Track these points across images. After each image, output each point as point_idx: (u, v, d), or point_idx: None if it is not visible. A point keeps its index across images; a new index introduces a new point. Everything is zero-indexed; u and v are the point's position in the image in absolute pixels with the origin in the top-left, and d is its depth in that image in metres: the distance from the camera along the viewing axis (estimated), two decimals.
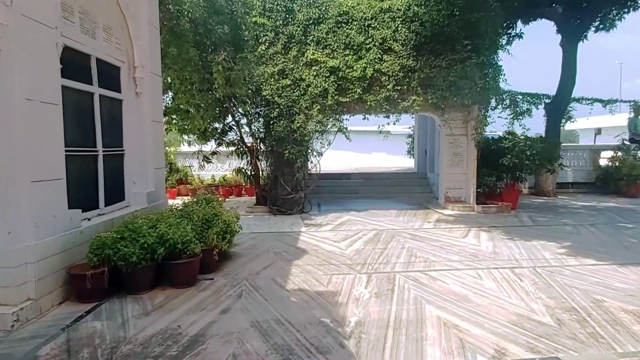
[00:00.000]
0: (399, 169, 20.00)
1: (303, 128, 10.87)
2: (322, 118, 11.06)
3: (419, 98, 11.20)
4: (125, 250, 4.98)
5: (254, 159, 11.82)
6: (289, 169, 11.32)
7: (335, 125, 11.15)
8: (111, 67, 6.78)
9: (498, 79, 11.39)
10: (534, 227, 9.43)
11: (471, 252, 7.29)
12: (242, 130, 11.84)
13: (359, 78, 11.14)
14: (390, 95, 11.20)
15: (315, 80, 11.12)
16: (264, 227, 9.70)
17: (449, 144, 12.18)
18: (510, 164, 11.33)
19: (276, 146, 11.14)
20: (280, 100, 11.00)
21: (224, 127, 12.13)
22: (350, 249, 7.52)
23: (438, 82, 11.24)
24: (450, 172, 12.25)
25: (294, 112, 11.06)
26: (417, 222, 10.10)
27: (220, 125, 12.11)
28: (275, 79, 11.18)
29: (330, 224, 9.99)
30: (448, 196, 12.31)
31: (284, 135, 10.95)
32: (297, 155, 10.87)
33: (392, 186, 15.24)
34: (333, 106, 11.12)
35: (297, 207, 11.37)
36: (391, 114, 11.50)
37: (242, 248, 7.71)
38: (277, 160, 11.40)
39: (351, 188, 15.20)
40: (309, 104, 11.12)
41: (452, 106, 11.61)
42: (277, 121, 11.01)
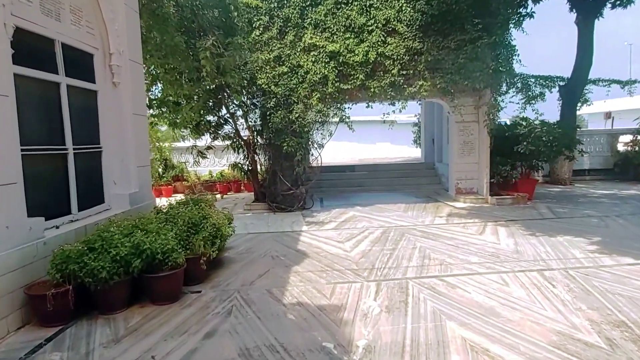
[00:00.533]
0: (405, 159, 19.19)
1: (302, 118, 10.10)
2: (322, 107, 10.27)
3: (426, 83, 10.38)
4: (93, 265, 4.27)
5: (251, 153, 11.08)
6: (288, 163, 10.57)
7: (336, 114, 10.36)
8: (82, 55, 6.02)
9: (511, 60, 10.53)
10: (556, 220, 8.64)
11: (491, 251, 6.53)
12: (237, 122, 11.08)
13: (361, 63, 10.32)
14: (395, 80, 10.39)
15: (314, 66, 10.32)
16: (262, 226, 8.98)
17: (459, 132, 11.37)
18: (526, 152, 10.51)
19: (274, 139, 10.38)
20: (277, 89, 10.22)
21: (219, 120, 11.39)
22: (355, 251, 6.79)
23: (447, 65, 10.40)
24: (460, 161, 11.45)
25: (291, 102, 10.28)
26: (428, 217, 9.34)
27: (215, 118, 11.37)
28: (271, 67, 10.39)
29: (333, 221, 9.25)
30: (459, 187, 11.53)
31: (282, 126, 10.18)
32: (297, 148, 10.11)
33: (399, 178, 14.47)
34: (334, 94, 10.33)
35: (298, 203, 10.64)
36: (396, 101, 10.70)
37: (236, 252, 6.99)
38: (275, 153, 10.65)
39: (355, 181, 14.44)
40: (308, 92, 10.33)
41: (462, 91, 10.78)
42: (274, 112, 10.24)
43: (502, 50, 10.40)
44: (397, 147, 25.43)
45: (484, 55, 10.24)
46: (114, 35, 6.47)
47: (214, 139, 11.55)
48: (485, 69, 10.17)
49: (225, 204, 12.23)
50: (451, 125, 11.72)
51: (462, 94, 10.88)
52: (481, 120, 11.08)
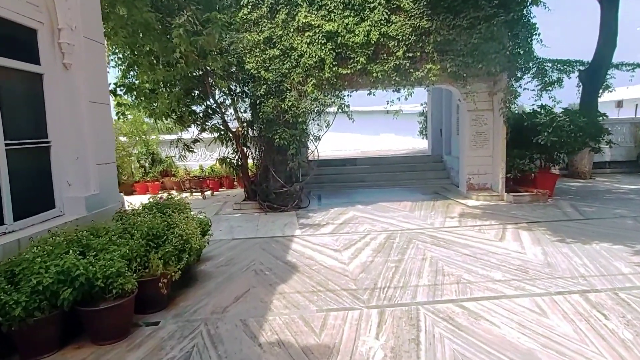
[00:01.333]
0: (410, 151, 18.07)
1: (296, 107, 9.00)
2: (319, 95, 9.17)
3: (436, 66, 9.23)
4: (3, 299, 3.23)
5: (241, 147, 10.01)
6: (281, 158, 9.49)
7: (334, 103, 9.25)
8: (20, 29, 4.94)
9: (531, 40, 9.36)
10: (585, 222, 7.55)
11: (516, 264, 5.46)
12: (225, 113, 10.00)
13: (362, 44, 9.18)
14: (400, 64, 9.25)
15: (309, 48, 9.19)
16: (249, 230, 7.93)
17: (472, 122, 10.25)
18: (547, 143, 9.38)
19: (265, 130, 9.29)
20: (268, 75, 9.11)
21: (207, 110, 10.31)
22: (354, 263, 5.74)
23: (458, 46, 9.25)
24: (473, 154, 10.34)
25: (284, 89, 9.18)
26: (438, 218, 8.27)
27: (202, 108, 10.30)
28: (260, 49, 9.27)
29: (331, 223, 8.19)
30: (471, 183, 10.43)
31: (274, 117, 9.08)
32: (290, 141, 9.02)
33: (404, 172, 13.37)
34: (331, 80, 9.21)
35: (292, 202, 9.58)
36: (402, 88, 9.56)
37: (215, 264, 5.95)
38: (266, 147, 9.57)
39: (357, 176, 13.36)
40: (302, 77, 9.22)
41: (476, 75, 9.63)
42: (264, 100, 9.14)
43: (521, 29, 9.22)
44: (401, 138, 24.27)
45: (501, 34, 9.09)
46: (64, 8, 5.37)
47: (201, 131, 10.48)
48: (501, 50, 9.01)
49: (214, 202, 11.20)
50: (462, 114, 10.60)
51: (475, 79, 9.74)
52: (496, 108, 9.94)
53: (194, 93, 9.95)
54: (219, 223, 8.52)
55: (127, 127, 13.28)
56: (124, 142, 13.45)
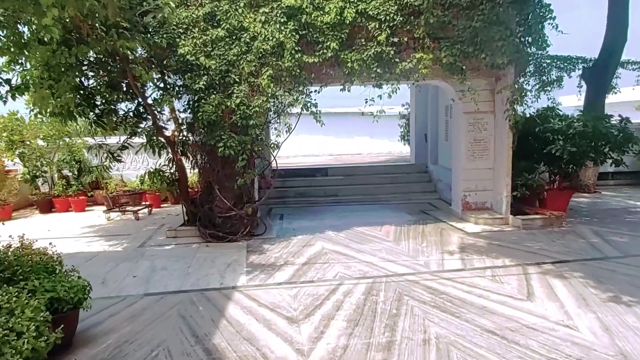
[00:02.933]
0: (389, 158, 16.14)
1: (246, 106, 6.81)
2: (277, 90, 7.02)
3: (427, 56, 7.21)
4: None
5: (177, 156, 7.73)
6: (228, 172, 7.28)
7: (297, 101, 7.11)
8: None
9: (543, 24, 7.47)
10: (628, 262, 5.66)
11: (574, 355, 3.44)
12: (160, 111, 7.72)
13: (334, 25, 7.09)
14: (382, 51, 7.19)
15: (264, 29, 7.03)
16: (176, 275, 5.67)
17: (469, 126, 8.31)
18: (563, 154, 7.52)
19: (206, 136, 7.05)
20: (209, 62, 6.88)
21: (137, 109, 7.99)
22: (319, 349, 3.61)
23: (456, 30, 7.28)
24: (470, 166, 8.40)
25: (231, 81, 6.97)
26: (433, 254, 6.24)
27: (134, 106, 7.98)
28: (200, 29, 7.04)
29: (290, 262, 6.04)
30: (467, 202, 8.48)
31: (217, 118, 6.86)
32: (238, 151, 6.82)
33: (383, 184, 11.35)
34: (293, 70, 7.06)
35: (243, 228, 7.37)
36: (384, 82, 7.51)
37: (92, 355, 3.68)
38: (209, 158, 7.34)
39: (328, 189, 11.25)
40: (256, 67, 7.04)
41: (476, 69, 7.70)
42: (204, 96, 6.92)
43: (534, 11, 7.32)
44: (377, 142, 22.28)
45: (508, 17, 7.18)
46: None
47: (131, 135, 8.13)
48: (509, 36, 7.08)
49: (148, 225, 8.86)
50: (456, 117, 8.65)
51: (474, 72, 7.81)
52: (499, 110, 8.04)
53: (121, 87, 7.62)
54: (138, 262, 6.23)
55: (46, 128, 10.75)
56: (42, 146, 10.91)
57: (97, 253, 6.85)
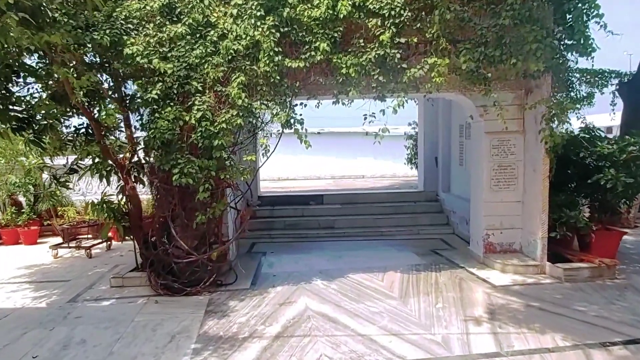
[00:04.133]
0: (395, 182, 14.54)
1: (209, 122, 5.29)
2: (251, 101, 5.50)
3: (443, 61, 5.67)
4: None
5: (130, 183, 6.18)
6: (188, 204, 5.71)
7: (278, 116, 5.58)
8: None
9: (587, 23, 5.95)
10: None
11: None
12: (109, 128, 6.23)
13: (325, 21, 5.61)
14: (385, 55, 5.68)
15: (236, 25, 5.57)
16: (91, 357, 4.05)
17: (493, 149, 6.74)
18: (616, 186, 5.91)
19: (159, 160, 5.50)
20: (166, 66, 5.38)
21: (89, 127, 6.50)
22: None
23: (478, 30, 5.79)
24: (493, 198, 6.79)
25: (192, 90, 5.46)
26: (452, 323, 4.60)
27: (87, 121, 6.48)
28: (156, 24, 5.58)
29: (257, 336, 4.40)
30: (490, 243, 6.85)
31: (173, 137, 5.33)
32: (199, 179, 5.27)
33: (387, 215, 9.74)
34: (272, 76, 5.55)
35: (207, 277, 5.75)
36: (388, 94, 5.98)
37: None
38: (165, 186, 5.77)
39: (323, 219, 9.64)
40: (224, 72, 5.54)
41: (502, 78, 6.18)
42: (158, 109, 5.41)
43: (575, 5, 5.82)
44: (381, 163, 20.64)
45: (544, 13, 5.71)
46: None
47: (80, 156, 6.61)
48: (545, 37, 5.57)
49: (98, 266, 7.30)
50: (476, 137, 7.10)
51: (499, 84, 6.29)
52: (530, 129, 6.49)
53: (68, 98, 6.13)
54: (54, 329, 4.62)
55: None
56: None
57: (11, 311, 5.24)
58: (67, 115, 6.31)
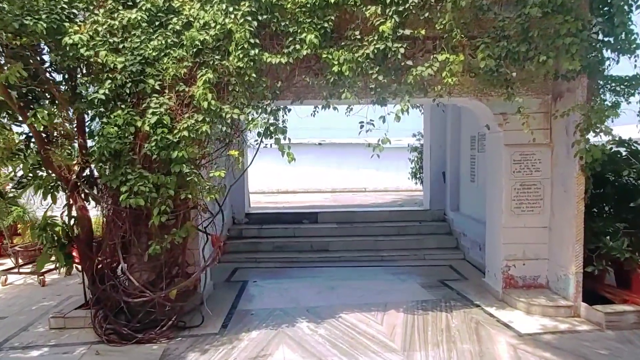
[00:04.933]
0: (399, 198, 13.43)
1: (167, 128, 4.26)
2: (220, 104, 4.48)
3: (457, 58, 4.65)
4: None
5: (79, 202, 5.13)
6: (142, 230, 4.66)
7: (254, 122, 4.55)
8: None
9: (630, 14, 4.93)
10: None
11: None
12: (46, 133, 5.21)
13: (313, 8, 4.61)
14: (387, 49, 4.67)
15: (203, 11, 4.57)
16: None
17: (514, 165, 5.68)
18: None
19: (107, 175, 4.46)
20: (117, 60, 4.38)
21: None
22: None
23: (499, 21, 4.78)
24: (514, 223, 5.71)
25: (147, 90, 4.44)
26: None
27: None
28: (107, 10, 4.59)
29: None
30: (510, 275, 5.75)
31: (121, 147, 4.30)
32: (153, 199, 4.22)
33: (389, 237, 8.65)
34: (247, 74, 4.53)
35: (166, 320, 4.66)
36: (390, 98, 4.95)
37: None
38: (115, 207, 4.72)
39: (317, 241, 8.56)
40: (188, 68, 4.53)
41: (527, 80, 5.16)
42: (107, 112, 4.39)
43: None
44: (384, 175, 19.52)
45: (578, 2, 4.70)
46: None
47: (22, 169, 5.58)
48: (581, 31, 4.55)
49: (47, 297, 6.22)
50: (494, 150, 6.04)
51: (522, 87, 5.27)
52: (559, 142, 5.44)
53: None
54: None
55: None
56: None
57: None
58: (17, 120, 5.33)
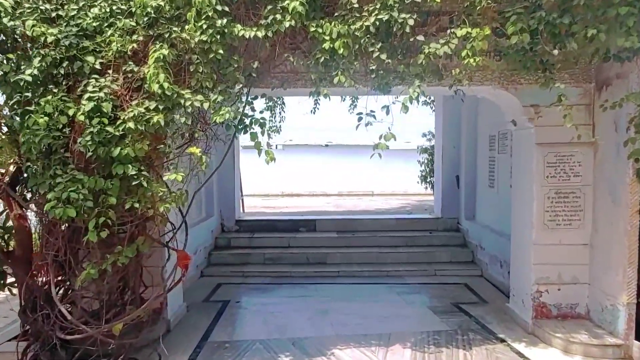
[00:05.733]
0: (407, 203, 12.40)
1: (106, 118, 3.31)
2: (178, 88, 3.52)
3: (482, 32, 3.65)
4: None
5: (16, 207, 4.20)
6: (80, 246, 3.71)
7: (220, 112, 3.58)
8: None
9: None
10: None
11: None
12: None
13: None
14: (390, 21, 3.67)
15: None
16: None
17: (548, 168, 4.65)
18: None
19: (35, 177, 3.52)
20: (49, 32, 3.44)
21: None
22: None
23: None
24: (548, 239, 4.68)
25: (85, 70, 3.49)
26: None
27: None
28: None
29: None
30: (542, 303, 4.71)
31: (53, 140, 3.36)
32: (88, 210, 3.27)
33: (394, 249, 7.65)
34: (212, 49, 3.56)
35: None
36: (395, 84, 3.96)
37: None
38: (46, 219, 3.77)
39: (313, 253, 7.58)
40: (137, 42, 3.57)
41: (569, 62, 4.14)
42: (35, 97, 3.46)
43: None
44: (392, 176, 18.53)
45: None
46: None
47: None
48: None
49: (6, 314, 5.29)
50: (523, 151, 5.00)
51: (560, 72, 4.24)
52: (606, 140, 4.39)
53: None
54: None
55: None
56: None
57: None
58: None
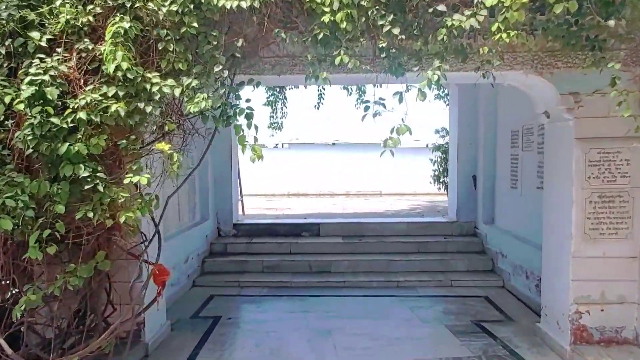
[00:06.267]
0: (418, 205, 11.68)
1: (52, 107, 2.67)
2: (143, 71, 2.87)
3: (516, 0, 2.95)
4: None
5: None
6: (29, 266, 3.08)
7: (195, 100, 2.93)
8: None
9: None
10: None
11: None
12: None
13: None
14: None
15: None
16: None
17: (590, 167, 3.92)
18: None
19: None
20: None
21: None
22: None
23: None
24: (589, 252, 3.95)
25: (30, 48, 2.86)
26: None
27: None
28: None
29: None
30: (582, 326, 3.99)
31: None
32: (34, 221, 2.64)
33: (406, 256, 6.95)
34: (182, 23, 2.91)
35: None
36: (410, 66, 3.28)
37: None
38: None
39: (316, 261, 6.91)
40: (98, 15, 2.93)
41: (618, 40, 3.41)
42: None
43: None
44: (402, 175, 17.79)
45: None
46: None
47: None
48: None
49: None
50: (556, 146, 4.28)
51: (606, 53, 3.51)
52: None
53: None
54: None
55: None
56: None
57: None
58: None
